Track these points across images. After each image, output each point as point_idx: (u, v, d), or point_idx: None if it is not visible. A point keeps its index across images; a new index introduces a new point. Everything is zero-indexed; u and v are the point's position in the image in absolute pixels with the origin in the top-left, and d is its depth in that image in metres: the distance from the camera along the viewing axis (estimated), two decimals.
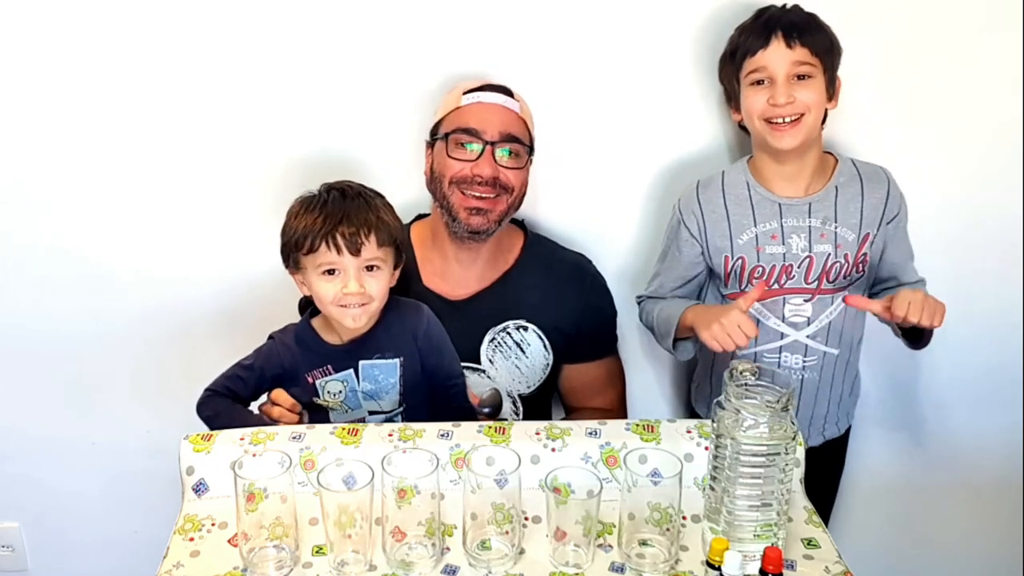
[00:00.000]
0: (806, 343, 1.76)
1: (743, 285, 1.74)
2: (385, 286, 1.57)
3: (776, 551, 1.20)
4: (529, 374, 1.82)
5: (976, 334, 2.01)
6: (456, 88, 1.77)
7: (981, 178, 1.93)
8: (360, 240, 1.50)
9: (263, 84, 1.87)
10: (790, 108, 1.64)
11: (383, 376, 1.61)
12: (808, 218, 1.71)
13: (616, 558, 1.29)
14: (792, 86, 1.64)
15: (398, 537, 1.27)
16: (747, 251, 1.72)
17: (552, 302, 1.81)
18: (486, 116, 1.72)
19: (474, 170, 1.70)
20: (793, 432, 1.26)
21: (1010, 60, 1.85)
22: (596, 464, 1.41)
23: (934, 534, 2.23)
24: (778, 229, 1.71)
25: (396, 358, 1.61)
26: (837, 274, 1.72)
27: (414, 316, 1.64)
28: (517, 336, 1.80)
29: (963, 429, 2.11)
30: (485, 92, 1.74)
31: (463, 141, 1.71)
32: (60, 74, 1.85)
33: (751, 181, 1.74)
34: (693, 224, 1.75)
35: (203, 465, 1.40)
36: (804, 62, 1.64)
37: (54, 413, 2.12)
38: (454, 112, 1.74)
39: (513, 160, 1.73)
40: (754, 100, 1.67)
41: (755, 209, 1.72)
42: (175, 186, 1.94)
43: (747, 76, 1.68)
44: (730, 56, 1.72)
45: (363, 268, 1.53)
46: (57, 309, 2.03)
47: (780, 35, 1.63)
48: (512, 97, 1.75)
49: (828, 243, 1.71)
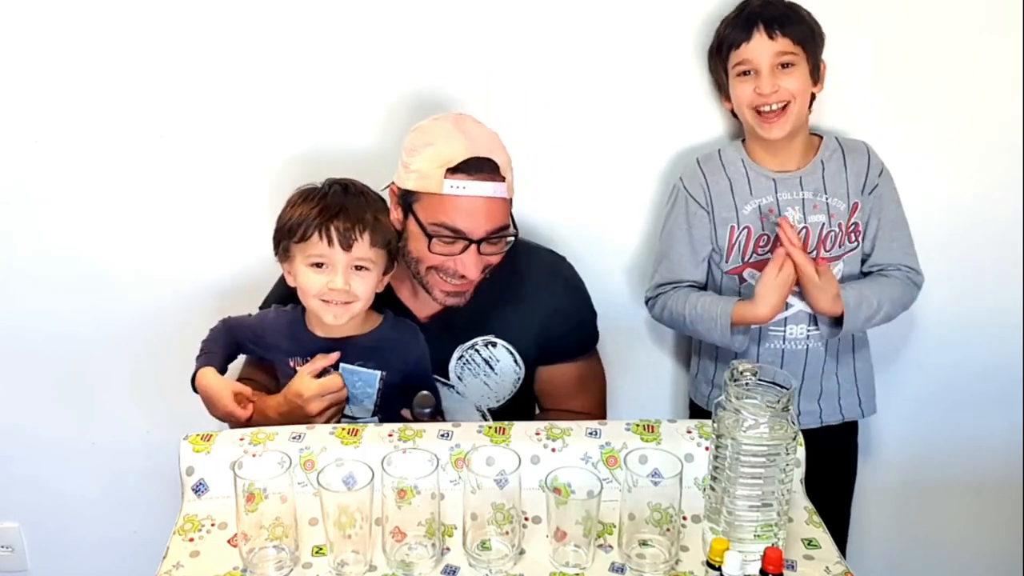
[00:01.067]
0: (809, 311, 1.78)
1: (746, 256, 1.78)
2: (371, 288, 1.55)
3: (776, 551, 1.20)
4: (498, 389, 1.76)
5: (976, 334, 2.02)
6: (433, 157, 1.55)
7: (981, 178, 1.93)
8: (353, 236, 1.49)
9: (262, 84, 1.87)
10: (776, 96, 1.71)
11: (361, 384, 1.60)
12: (801, 191, 1.77)
13: (616, 558, 1.29)
14: (776, 75, 1.71)
15: (398, 537, 1.27)
16: (752, 221, 1.78)
17: (522, 311, 1.72)
18: (472, 214, 1.54)
19: (457, 266, 1.58)
20: (793, 432, 1.25)
21: (1010, 60, 1.85)
22: (596, 464, 1.40)
23: (934, 534, 2.23)
24: (774, 203, 1.77)
25: (378, 371, 1.60)
26: (832, 243, 1.78)
27: (410, 343, 1.63)
28: (485, 353, 1.73)
29: (963, 429, 2.11)
30: (471, 180, 1.53)
31: (448, 240, 1.57)
32: (60, 74, 1.85)
33: (746, 159, 1.80)
34: (700, 195, 1.79)
35: (203, 465, 1.40)
36: (786, 51, 1.70)
37: (54, 413, 2.12)
38: (436, 200, 1.55)
39: (499, 246, 1.61)
40: (742, 91, 1.74)
41: (751, 184, 1.78)
42: (175, 186, 1.94)
43: (734, 68, 1.74)
44: (716, 49, 1.78)
45: (352, 266, 1.52)
46: (57, 309, 2.03)
47: (762, 27, 1.70)
48: (498, 174, 1.55)
49: (821, 213, 1.77)
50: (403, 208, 1.62)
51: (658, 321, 1.89)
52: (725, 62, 1.76)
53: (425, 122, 1.64)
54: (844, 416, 1.88)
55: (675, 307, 1.81)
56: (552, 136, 1.89)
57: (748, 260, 1.80)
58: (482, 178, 1.54)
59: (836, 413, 1.87)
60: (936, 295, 1.94)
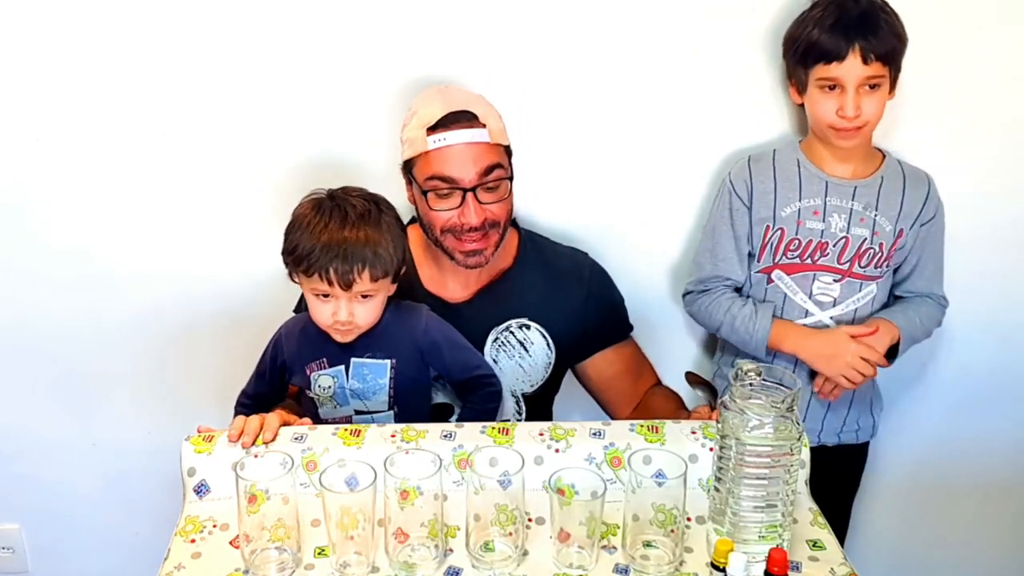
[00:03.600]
0: (829, 325, 1.79)
1: (776, 258, 1.78)
2: (377, 310, 1.57)
3: (781, 552, 1.19)
4: (532, 372, 1.81)
5: (984, 332, 2.01)
6: (416, 122, 1.65)
7: (991, 177, 1.92)
8: (352, 277, 1.50)
9: (264, 84, 1.86)
10: (858, 120, 1.68)
11: (372, 376, 1.61)
12: (851, 200, 1.76)
13: (620, 560, 1.29)
14: (861, 95, 1.67)
15: (401, 538, 1.26)
16: (788, 223, 1.76)
17: (554, 299, 1.80)
18: (459, 161, 1.62)
19: (461, 219, 1.65)
20: (798, 433, 1.25)
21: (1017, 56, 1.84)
22: (600, 465, 1.40)
23: (941, 534, 2.22)
24: (821, 206, 1.76)
25: (387, 359, 1.61)
26: (869, 260, 1.77)
27: (412, 318, 1.64)
28: (520, 335, 1.79)
29: (970, 429, 2.11)
30: (451, 130, 1.62)
31: (442, 191, 1.64)
32: (60, 74, 1.85)
33: (802, 159, 1.78)
34: (744, 191, 1.78)
35: (204, 466, 1.40)
36: (876, 75, 1.67)
37: (55, 414, 2.11)
38: (423, 158, 1.64)
39: (497, 193, 1.66)
40: (824, 106, 1.70)
41: (802, 185, 1.76)
42: (175, 185, 1.93)
43: (818, 79, 1.70)
44: (801, 51, 1.71)
45: (356, 297, 1.53)
46: (58, 309, 2.02)
47: (857, 49, 1.64)
48: (478, 122, 1.63)
49: (866, 228, 1.75)
50: (408, 179, 1.71)
51: (692, 316, 1.89)
52: (807, 67, 1.70)
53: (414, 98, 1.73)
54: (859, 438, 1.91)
55: (715, 311, 1.81)
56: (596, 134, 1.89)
57: (778, 262, 1.78)
58: (460, 127, 1.63)
59: (834, 435, 1.88)
60: (945, 293, 1.93)
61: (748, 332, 1.77)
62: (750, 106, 1.88)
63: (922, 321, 1.81)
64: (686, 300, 1.88)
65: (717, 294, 1.82)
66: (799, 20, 1.72)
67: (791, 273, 1.77)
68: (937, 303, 1.85)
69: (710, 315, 1.82)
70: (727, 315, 1.79)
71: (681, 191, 1.95)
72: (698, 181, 1.93)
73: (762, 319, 1.76)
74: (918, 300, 1.83)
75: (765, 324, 1.76)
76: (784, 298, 1.79)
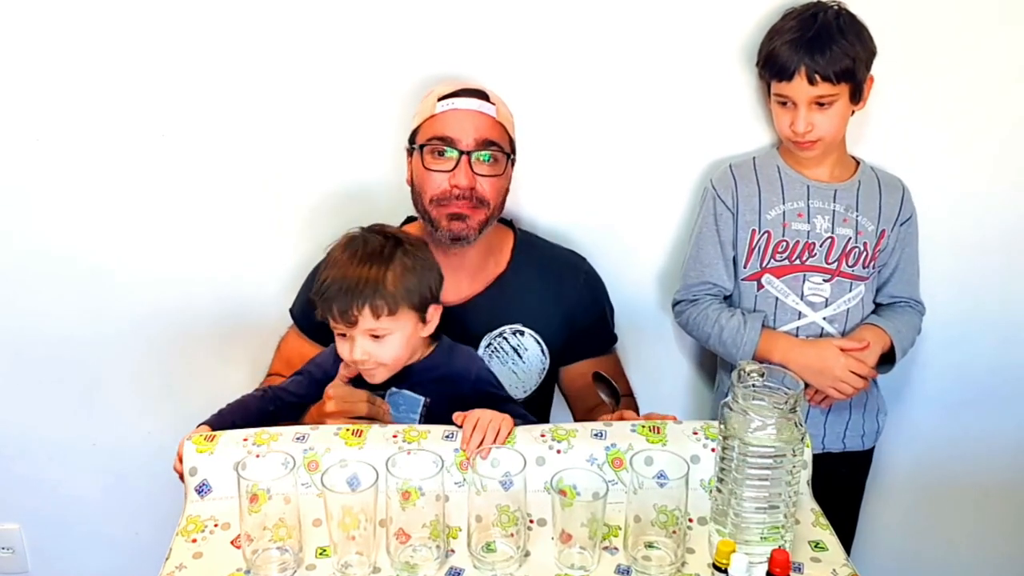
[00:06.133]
0: (822, 326, 1.79)
1: (765, 261, 1.79)
2: (398, 349, 1.52)
3: (783, 553, 1.19)
4: (525, 379, 1.79)
5: (983, 333, 2.01)
6: (431, 94, 1.73)
7: (987, 177, 1.92)
8: (352, 315, 1.47)
9: (264, 85, 1.86)
10: (809, 136, 1.72)
11: (405, 407, 1.58)
12: (833, 202, 1.79)
13: (622, 560, 1.29)
14: (812, 112, 1.71)
15: (402, 539, 1.26)
16: (774, 226, 1.78)
17: (549, 302, 1.79)
18: (461, 123, 1.67)
19: (451, 180, 1.66)
20: (801, 434, 1.25)
21: (1020, 56, 1.84)
22: (602, 466, 1.40)
23: (942, 534, 2.22)
24: (805, 208, 1.78)
25: (423, 396, 1.58)
26: (856, 260, 1.79)
27: (462, 364, 1.61)
28: (514, 341, 1.77)
29: (971, 429, 2.11)
30: (460, 98, 1.69)
31: (439, 150, 1.67)
32: (60, 74, 1.84)
33: (781, 164, 1.81)
34: (729, 196, 1.80)
35: (206, 466, 1.39)
36: (825, 95, 1.69)
37: (55, 414, 2.11)
38: (429, 120, 1.69)
39: (491, 167, 1.68)
40: (780, 119, 1.76)
41: (784, 188, 1.79)
42: (176, 185, 1.93)
43: (774, 94, 1.75)
44: (762, 64, 1.76)
45: (366, 335, 1.50)
46: (58, 310, 2.02)
47: (803, 71, 1.67)
48: (488, 100, 1.70)
49: (850, 228, 1.78)
50: (410, 153, 1.74)
51: (682, 328, 1.89)
52: (767, 79, 1.76)
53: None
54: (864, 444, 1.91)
55: (703, 323, 1.81)
56: (586, 142, 1.89)
57: (766, 266, 1.79)
58: (469, 97, 1.69)
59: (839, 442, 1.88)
60: (943, 294, 1.94)
61: (735, 344, 1.77)
62: (732, 115, 1.88)
63: (908, 331, 1.83)
64: (676, 311, 1.88)
65: (704, 305, 1.82)
66: (770, 31, 1.75)
67: (781, 276, 1.78)
68: (916, 311, 1.87)
69: (699, 327, 1.82)
70: (715, 326, 1.79)
71: (665, 200, 1.95)
72: (682, 190, 1.94)
73: (750, 331, 1.77)
74: (900, 308, 1.85)
75: (753, 336, 1.76)
76: (776, 302, 1.79)
